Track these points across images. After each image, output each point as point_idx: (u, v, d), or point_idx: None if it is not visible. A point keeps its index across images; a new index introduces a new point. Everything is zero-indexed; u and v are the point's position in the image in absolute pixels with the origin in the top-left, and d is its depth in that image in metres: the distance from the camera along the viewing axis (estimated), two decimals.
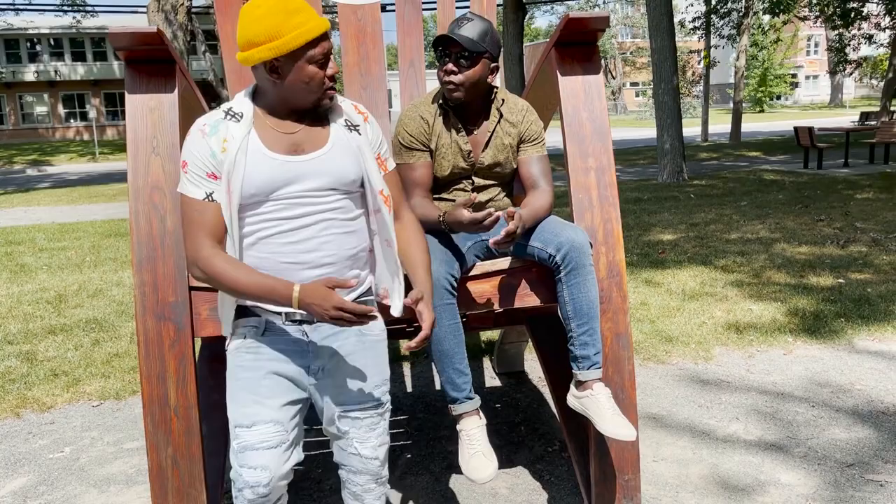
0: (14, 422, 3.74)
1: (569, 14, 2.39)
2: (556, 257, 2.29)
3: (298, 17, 1.72)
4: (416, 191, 2.45)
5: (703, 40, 24.49)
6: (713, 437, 3.23)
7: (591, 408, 2.25)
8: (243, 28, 1.75)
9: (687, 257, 6.50)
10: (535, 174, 2.50)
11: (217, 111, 1.84)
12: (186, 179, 1.81)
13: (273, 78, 1.77)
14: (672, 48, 12.15)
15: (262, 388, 1.84)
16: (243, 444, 1.82)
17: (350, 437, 1.98)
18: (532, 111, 2.53)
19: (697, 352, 4.26)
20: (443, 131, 2.47)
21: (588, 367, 2.29)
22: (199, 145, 1.79)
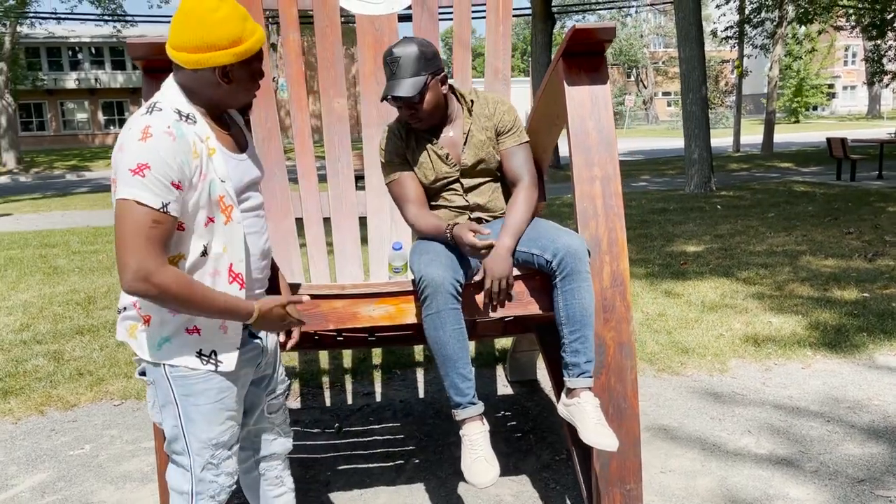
0: (38, 419, 3.85)
1: (575, 25, 2.41)
2: (553, 262, 2.31)
3: (250, 24, 1.80)
4: (409, 205, 2.54)
5: (736, 50, 24.25)
6: (723, 449, 3.21)
7: (577, 416, 2.25)
8: (199, 29, 1.73)
9: (709, 269, 6.44)
10: (516, 167, 2.58)
11: (166, 112, 1.76)
12: (142, 184, 1.65)
13: (223, 81, 1.80)
14: (701, 58, 12.06)
15: (234, 405, 1.94)
16: (220, 456, 1.94)
17: (274, 424, 2.17)
18: (504, 102, 2.61)
19: (713, 364, 4.22)
20: (416, 146, 2.58)
21: (577, 375, 2.30)
22: (169, 150, 1.68)
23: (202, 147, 1.78)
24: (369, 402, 3.93)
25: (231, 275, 1.87)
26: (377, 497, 2.92)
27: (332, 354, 4.65)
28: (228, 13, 1.75)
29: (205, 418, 1.89)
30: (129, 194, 1.66)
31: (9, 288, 6.89)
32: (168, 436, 1.93)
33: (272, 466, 2.21)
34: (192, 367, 1.85)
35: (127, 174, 1.66)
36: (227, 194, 1.84)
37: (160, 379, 1.88)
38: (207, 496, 1.95)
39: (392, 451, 3.32)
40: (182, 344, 1.84)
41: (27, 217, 13.54)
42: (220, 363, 1.87)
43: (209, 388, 1.88)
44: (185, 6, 1.75)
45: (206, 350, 1.86)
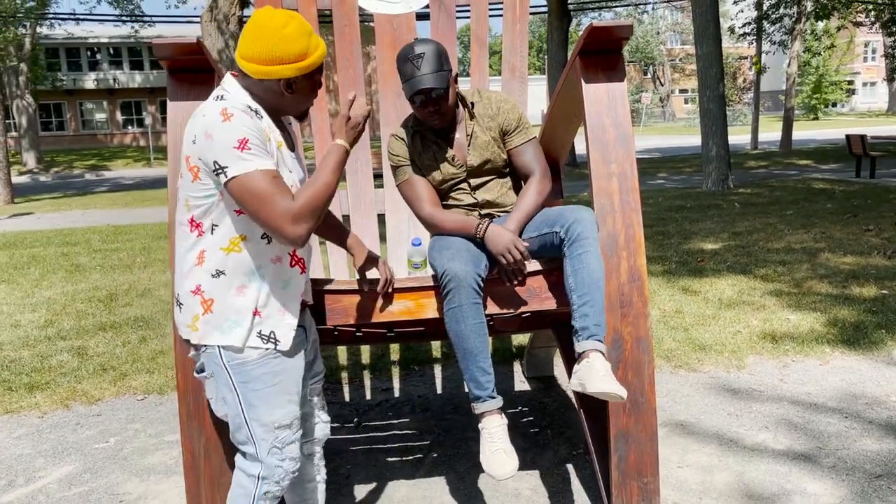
0: (64, 413, 3.92)
1: (592, 23, 2.44)
2: (561, 233, 2.36)
3: (314, 39, 1.90)
4: (423, 204, 2.59)
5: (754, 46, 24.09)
6: (740, 445, 3.22)
7: (585, 375, 2.16)
8: (271, 43, 1.83)
9: (726, 266, 6.43)
10: (526, 163, 2.63)
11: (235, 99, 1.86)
12: (248, 156, 1.78)
13: (287, 92, 1.90)
14: (718, 55, 12.01)
15: (292, 388, 2.02)
16: (284, 440, 2.01)
17: (315, 406, 2.26)
18: (507, 101, 2.65)
19: (730, 360, 4.23)
20: (422, 149, 2.62)
21: (587, 338, 2.22)
22: (252, 124, 1.81)
23: (272, 138, 1.91)
24: (388, 398, 3.98)
25: (294, 259, 2.00)
26: (397, 490, 2.96)
27: (350, 351, 4.70)
28: (296, 29, 1.85)
29: (264, 402, 1.97)
30: (242, 169, 1.78)
31: (32, 285, 7.01)
32: (232, 427, 2.01)
33: (313, 451, 2.30)
34: (254, 346, 1.93)
35: (232, 153, 1.77)
36: (294, 185, 1.97)
37: (219, 370, 1.96)
38: (273, 481, 2.02)
39: (410, 446, 3.36)
40: (248, 327, 1.93)
41: (48, 216, 13.72)
42: (278, 342, 1.96)
43: (266, 371, 1.96)
44: (257, 20, 1.85)
45: (266, 331, 1.95)
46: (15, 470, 3.28)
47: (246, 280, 1.92)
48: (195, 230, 1.91)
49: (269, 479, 2.01)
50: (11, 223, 12.78)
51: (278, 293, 1.96)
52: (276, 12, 1.86)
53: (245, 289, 1.92)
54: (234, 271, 1.91)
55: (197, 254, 1.91)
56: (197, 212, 1.89)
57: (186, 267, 1.93)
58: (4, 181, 16.63)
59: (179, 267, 1.95)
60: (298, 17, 1.87)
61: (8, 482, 3.17)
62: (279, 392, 1.98)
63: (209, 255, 1.90)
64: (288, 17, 1.85)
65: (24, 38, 25.55)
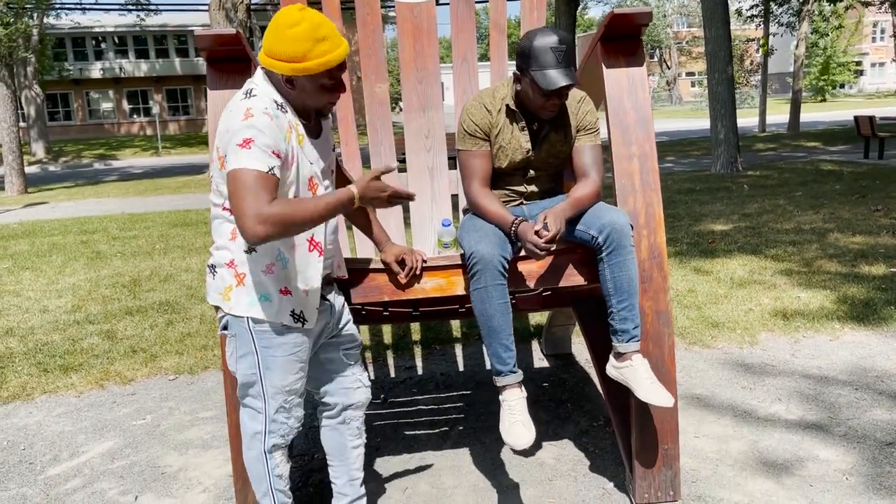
0: (99, 392, 4.07)
1: (613, 10, 2.54)
2: (599, 238, 2.45)
3: (324, 46, 1.94)
4: (474, 180, 2.60)
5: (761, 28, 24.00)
6: (754, 416, 3.34)
7: (630, 377, 2.42)
8: (274, 39, 1.94)
9: (737, 247, 6.53)
10: (586, 163, 2.62)
11: (262, 98, 1.97)
12: (247, 154, 1.88)
13: (287, 87, 2.01)
14: (727, 37, 12.03)
15: (305, 357, 2.20)
16: (291, 401, 2.21)
17: (355, 373, 2.42)
18: (587, 101, 2.67)
19: (743, 337, 4.35)
20: (505, 126, 2.60)
21: (627, 340, 2.46)
22: (269, 126, 1.92)
23: (293, 134, 2.02)
24: (411, 375, 4.12)
25: (312, 244, 2.14)
26: (426, 460, 3.10)
27: (372, 331, 4.83)
28: (301, 32, 1.91)
29: (281, 368, 2.14)
30: (238, 163, 1.88)
31: (56, 272, 7.16)
32: (243, 381, 2.17)
33: (356, 416, 2.45)
34: (286, 323, 2.10)
35: (236, 149, 1.89)
36: (316, 174, 2.11)
37: (242, 332, 2.11)
38: (278, 435, 2.22)
39: (436, 420, 3.50)
40: (279, 304, 2.09)
41: (63, 205, 13.89)
42: (306, 321, 2.14)
43: (286, 342, 2.12)
44: (276, 15, 1.96)
45: (298, 310, 2.12)
46: (58, 445, 3.43)
47: (273, 259, 2.07)
48: (226, 210, 2.06)
49: (276, 434, 2.21)
50: (27, 212, 12.95)
51: (301, 275, 2.11)
52: (294, 11, 1.92)
53: (273, 266, 2.07)
54: (263, 250, 2.06)
55: (230, 230, 2.07)
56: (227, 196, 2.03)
57: (221, 241, 2.09)
58: (17, 171, 16.80)
59: (216, 239, 2.11)
60: (313, 21, 1.91)
61: (53, 456, 3.32)
62: (295, 361, 2.16)
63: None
64: (301, 17, 1.91)
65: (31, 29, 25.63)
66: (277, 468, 2.25)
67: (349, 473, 2.47)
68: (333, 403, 2.40)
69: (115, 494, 2.96)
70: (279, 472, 2.26)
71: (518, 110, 2.58)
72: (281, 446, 2.24)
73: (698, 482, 2.81)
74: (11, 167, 16.70)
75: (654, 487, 2.63)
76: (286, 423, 2.22)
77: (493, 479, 2.91)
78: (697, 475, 2.86)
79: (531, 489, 2.83)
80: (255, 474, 2.26)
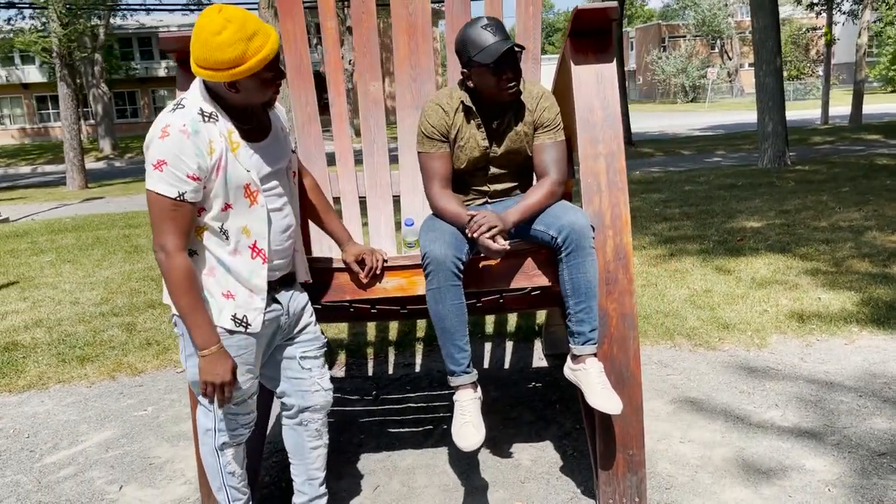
0: (110, 383, 4.22)
1: (578, 6, 2.49)
2: (558, 239, 2.41)
3: (257, 41, 1.92)
4: (434, 181, 2.60)
5: (825, 16, 23.11)
6: (747, 422, 3.24)
7: (583, 380, 2.38)
8: (204, 49, 1.90)
9: (766, 245, 6.32)
10: (546, 161, 2.60)
11: (187, 111, 1.98)
12: (160, 178, 1.93)
13: (231, 91, 2.00)
14: (775, 26, 11.63)
15: (251, 360, 2.21)
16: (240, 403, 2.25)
17: (313, 376, 2.39)
18: (547, 97, 2.64)
19: (752, 339, 4.21)
20: (463, 125, 2.60)
21: (583, 343, 2.41)
22: (182, 146, 1.93)
23: (222, 143, 2.01)
24: (408, 373, 4.13)
25: (255, 251, 2.13)
26: (404, 459, 3.11)
27: (378, 328, 4.87)
28: (230, 35, 1.88)
29: None
30: (151, 186, 1.97)
31: (94, 265, 7.43)
32: (191, 380, 2.21)
33: (314, 419, 2.45)
34: (227, 328, 2.11)
35: (150, 168, 1.95)
36: (253, 181, 2.09)
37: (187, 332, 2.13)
38: (227, 434, 2.26)
39: (423, 418, 3.50)
40: (220, 307, 2.11)
41: (117, 200, 14.38)
42: (248, 325, 2.14)
43: (230, 344, 2.14)
44: (197, 22, 1.93)
45: (240, 314, 2.12)
46: (61, 434, 3.57)
47: (214, 263, 2.10)
48: None
49: (224, 432, 2.25)
50: (83, 207, 13.46)
51: (244, 281, 2.13)
52: (214, 16, 1.88)
53: (214, 270, 2.10)
54: (204, 254, 2.09)
55: None
56: None
57: None
58: (78, 167, 17.47)
59: None
60: (237, 21, 1.88)
61: (53, 444, 3.46)
62: (240, 363, 2.17)
63: None
64: (224, 21, 1.87)
65: (98, 30, 26.61)
66: (230, 465, 2.29)
67: (307, 473, 2.49)
68: (291, 405, 2.42)
69: (102, 483, 3.06)
70: (231, 470, 2.30)
71: (475, 108, 2.57)
72: (231, 444, 2.28)
73: (672, 489, 2.75)
74: (73, 163, 17.38)
75: (618, 493, 2.57)
76: (235, 422, 2.26)
77: (465, 480, 2.90)
78: (673, 482, 2.79)
79: (501, 491, 2.81)
80: (210, 469, 2.31)
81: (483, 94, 2.53)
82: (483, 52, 2.43)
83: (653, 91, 54.48)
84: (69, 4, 17.66)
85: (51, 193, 16.69)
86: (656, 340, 4.30)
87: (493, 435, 3.26)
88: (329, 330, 4.81)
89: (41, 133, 42.26)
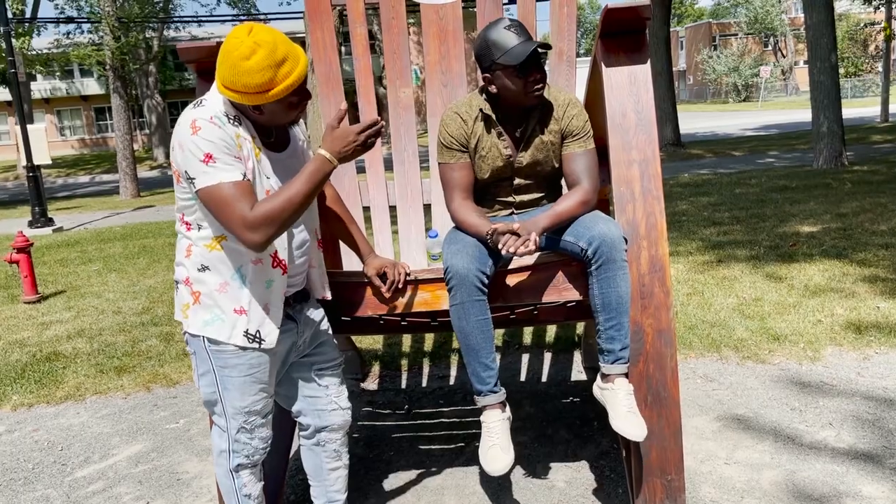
0: (144, 395, 4.22)
1: (608, 5, 2.36)
2: (588, 251, 2.28)
3: (286, 67, 1.84)
4: (455, 192, 2.50)
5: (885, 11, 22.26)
6: (798, 442, 3.04)
7: (609, 401, 2.24)
8: (232, 73, 1.82)
9: (821, 250, 6.03)
10: (577, 171, 2.47)
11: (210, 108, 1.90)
12: (213, 169, 1.85)
13: (257, 113, 1.93)
14: (830, 22, 11.20)
15: (266, 378, 2.12)
16: (253, 423, 2.15)
17: (329, 394, 2.32)
18: (575, 104, 2.50)
19: (805, 352, 3.98)
20: (483, 134, 2.49)
21: (612, 362, 2.28)
22: (218, 134, 1.86)
23: (248, 144, 1.96)
24: (442, 386, 4.02)
25: (275, 260, 2.06)
26: (433, 478, 3.00)
27: (414, 338, 4.78)
28: (260, 61, 1.80)
29: (238, 389, 2.09)
30: (209, 181, 1.85)
31: (139, 274, 7.53)
32: (206, 399, 2.15)
33: (332, 439, 2.37)
34: (239, 344, 2.03)
35: (200, 166, 1.85)
36: (273, 189, 2.01)
37: (200, 350, 2.08)
38: (243, 455, 2.17)
39: (455, 434, 3.39)
40: (232, 324, 2.02)
41: (167, 208, 14.64)
42: (263, 341, 2.05)
43: (241, 363, 2.06)
44: (225, 45, 1.85)
45: (252, 330, 2.04)
46: (93, 447, 3.57)
47: (228, 278, 2.01)
48: (184, 225, 2.03)
49: (239, 454, 2.16)
50: (134, 215, 13.75)
51: (261, 293, 2.04)
52: (244, 38, 1.81)
53: (227, 286, 2.01)
54: (217, 268, 2.00)
55: (186, 247, 2.03)
56: (185, 210, 2.01)
57: (179, 257, 2.06)
58: (131, 177, 17.87)
59: (176, 254, 2.09)
60: (267, 46, 1.80)
61: (85, 458, 3.45)
62: (253, 382, 2.09)
63: (195, 251, 2.01)
64: (254, 45, 1.79)
65: (152, 41, 27.29)
66: (245, 487, 2.22)
67: (327, 495, 2.41)
68: (307, 424, 2.34)
69: (129, 500, 3.03)
70: (247, 492, 2.22)
71: (495, 115, 2.45)
72: (247, 466, 2.20)
73: None
74: (125, 172, 17.79)
75: None
76: (249, 444, 2.18)
77: (496, 503, 2.78)
78: None
79: None
80: (226, 491, 2.24)
81: (507, 98, 2.41)
82: (508, 54, 2.31)
83: (703, 91, 53.40)
84: (122, 18, 18.10)
85: (104, 202, 17.11)
86: (702, 353, 4.11)
87: (527, 453, 3.13)
88: (364, 341, 4.73)
89: (99, 143, 43.52)
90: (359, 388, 4.08)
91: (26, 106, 19.11)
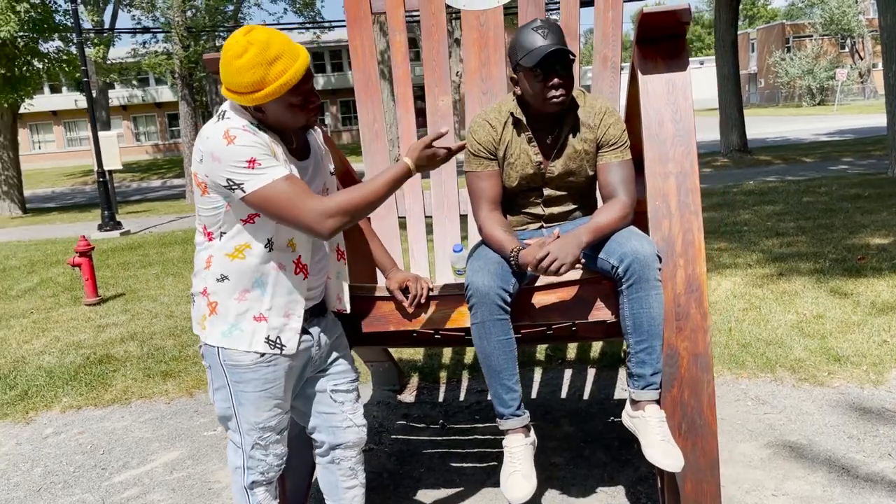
0: (187, 401, 4.26)
1: (643, 9, 2.24)
2: (619, 268, 2.16)
3: (279, 66, 1.83)
4: (482, 203, 2.40)
5: None
6: (854, 474, 2.83)
7: (641, 430, 2.12)
8: (227, 73, 1.85)
9: (892, 264, 5.68)
10: (613, 182, 2.34)
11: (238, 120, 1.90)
12: (261, 171, 1.84)
13: (256, 112, 1.91)
14: None
15: (281, 394, 2.09)
16: (268, 439, 2.11)
17: (345, 411, 2.26)
18: (612, 113, 2.38)
19: (868, 374, 3.73)
20: (512, 140, 2.39)
21: (643, 388, 2.15)
22: (255, 139, 1.86)
23: (279, 149, 1.95)
24: (479, 400, 3.93)
25: (298, 266, 2.05)
26: (462, 498, 2.91)
27: (454, 350, 4.69)
28: (249, 60, 1.81)
29: (253, 404, 2.06)
30: (261, 182, 1.84)
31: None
32: (220, 414, 2.12)
33: (347, 456, 2.31)
34: (260, 351, 2.00)
35: (245, 172, 1.85)
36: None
37: (215, 364, 2.05)
38: (257, 472, 2.14)
39: (488, 452, 3.30)
40: (252, 331, 2.00)
41: None
42: (284, 347, 2.03)
43: (257, 377, 2.03)
44: (223, 47, 1.88)
45: (273, 336, 2.02)
46: (133, 452, 3.61)
47: (249, 286, 1.98)
48: (205, 236, 2.01)
49: (254, 470, 2.13)
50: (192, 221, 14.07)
51: (283, 299, 2.02)
52: (239, 38, 1.82)
53: (247, 293, 1.98)
54: (238, 277, 1.98)
55: (206, 258, 2.01)
56: (207, 221, 1.98)
57: (198, 268, 2.04)
58: None
59: (195, 265, 2.06)
60: (259, 44, 1.81)
61: (124, 463, 3.49)
62: (268, 397, 2.06)
63: (215, 261, 1.99)
64: (247, 44, 1.81)
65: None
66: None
67: None
68: (321, 441, 2.29)
69: None
70: None
71: (526, 120, 2.35)
72: (262, 483, 2.17)
73: None
74: (191, 177, 18.29)
75: None
76: (264, 461, 2.14)
77: None
78: None
79: None
80: None
81: (529, 103, 2.31)
82: (529, 55, 2.22)
83: (775, 94, 51.68)
84: (190, 28, 18.64)
85: (171, 206, 17.60)
86: (755, 373, 3.90)
87: (562, 475, 3.01)
88: (404, 352, 4.68)
89: (171, 148, 44.97)
90: (395, 400, 4.02)
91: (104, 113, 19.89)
